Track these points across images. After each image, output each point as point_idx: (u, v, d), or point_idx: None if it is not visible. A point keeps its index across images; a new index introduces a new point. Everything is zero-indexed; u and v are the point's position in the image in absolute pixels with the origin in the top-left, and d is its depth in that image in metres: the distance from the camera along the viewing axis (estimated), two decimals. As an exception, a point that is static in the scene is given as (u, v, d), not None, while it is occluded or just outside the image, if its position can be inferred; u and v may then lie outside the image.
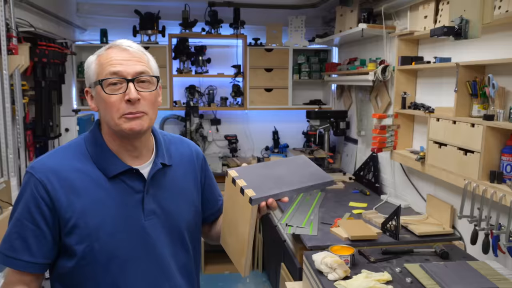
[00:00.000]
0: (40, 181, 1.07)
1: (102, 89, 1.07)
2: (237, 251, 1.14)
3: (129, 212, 1.12)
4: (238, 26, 4.23)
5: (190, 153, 1.31)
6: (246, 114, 4.60)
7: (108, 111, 1.08)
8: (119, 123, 1.08)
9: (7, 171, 2.48)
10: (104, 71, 1.08)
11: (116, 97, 1.07)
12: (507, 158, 1.88)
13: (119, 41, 1.13)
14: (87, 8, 4.25)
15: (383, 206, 2.92)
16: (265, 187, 1.08)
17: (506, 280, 1.73)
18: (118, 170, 1.12)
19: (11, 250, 1.07)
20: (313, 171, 1.17)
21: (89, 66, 1.12)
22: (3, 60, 2.41)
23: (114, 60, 1.08)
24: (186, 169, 1.27)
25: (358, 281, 1.75)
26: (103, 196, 1.10)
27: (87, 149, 1.14)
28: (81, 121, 3.49)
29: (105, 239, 1.08)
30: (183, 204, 1.22)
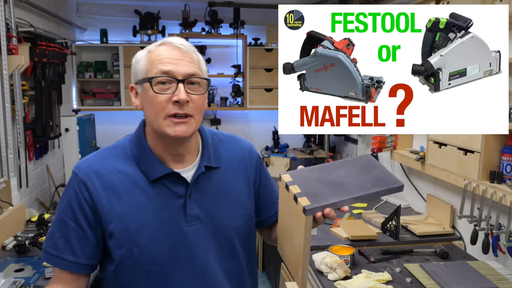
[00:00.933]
0: (82, 181, 1.05)
1: (151, 87, 1.02)
2: (293, 261, 1.06)
3: (170, 217, 1.07)
4: (238, 26, 4.24)
5: (242, 152, 1.22)
6: (246, 114, 4.61)
7: (153, 111, 1.03)
8: (163, 124, 1.03)
9: (7, 171, 2.48)
10: (154, 69, 1.03)
11: (164, 97, 1.02)
12: (507, 158, 1.88)
13: (171, 38, 1.07)
14: (87, 8, 4.25)
15: (383, 206, 2.92)
16: (322, 194, 0.97)
17: (506, 280, 1.73)
18: (160, 173, 1.07)
19: (54, 248, 1.06)
20: (378, 175, 1.02)
21: (138, 61, 1.07)
22: (3, 60, 2.41)
23: (165, 58, 1.03)
24: (236, 170, 1.19)
25: (358, 281, 1.75)
26: (144, 200, 1.06)
27: (131, 151, 1.10)
28: (81, 121, 3.49)
29: (144, 244, 1.05)
30: (232, 209, 1.15)
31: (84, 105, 4.21)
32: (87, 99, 4.24)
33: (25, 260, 1.97)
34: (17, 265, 1.92)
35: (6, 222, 2.19)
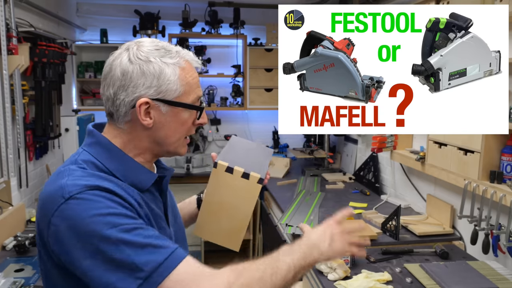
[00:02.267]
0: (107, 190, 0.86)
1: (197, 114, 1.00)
2: (231, 230, 1.20)
3: (162, 224, 1.01)
4: (238, 26, 4.23)
5: None
6: (246, 114, 4.61)
7: (178, 134, 0.99)
8: (180, 145, 1.01)
9: (7, 171, 2.48)
10: (193, 93, 0.98)
11: (190, 120, 1.00)
12: (507, 158, 1.88)
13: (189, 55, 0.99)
14: (87, 8, 4.25)
15: (383, 206, 2.92)
16: (256, 167, 1.19)
17: (506, 280, 1.73)
18: (152, 180, 0.99)
19: (162, 249, 0.84)
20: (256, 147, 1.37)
21: (170, 79, 0.93)
22: (3, 60, 2.41)
23: (198, 82, 1.00)
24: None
25: (358, 281, 1.75)
26: (148, 213, 0.95)
27: (105, 166, 0.93)
28: (81, 121, 3.49)
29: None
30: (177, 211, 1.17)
31: (84, 105, 4.21)
32: (87, 99, 4.24)
33: (25, 260, 1.98)
34: (17, 265, 1.92)
35: (6, 222, 2.19)
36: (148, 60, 0.92)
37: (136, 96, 0.92)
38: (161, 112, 0.94)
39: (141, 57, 0.93)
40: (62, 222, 0.83)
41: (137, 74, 0.92)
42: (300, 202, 2.89)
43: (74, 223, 0.82)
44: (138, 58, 0.93)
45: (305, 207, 2.81)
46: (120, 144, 0.98)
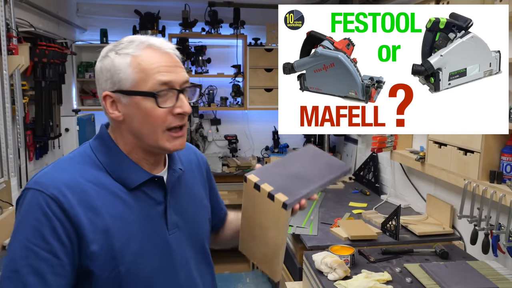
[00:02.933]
0: (52, 198, 0.88)
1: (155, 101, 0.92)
2: (267, 256, 1.07)
3: (153, 227, 0.98)
4: (238, 26, 4.24)
5: (197, 159, 1.20)
6: (246, 114, 4.61)
7: (149, 125, 0.94)
8: (161, 139, 0.95)
9: (7, 171, 2.48)
10: (150, 80, 0.92)
11: (164, 110, 0.93)
12: (507, 158, 1.88)
13: (155, 40, 0.97)
14: (87, 8, 4.25)
15: (383, 206, 2.92)
16: (292, 188, 1.01)
17: (506, 280, 1.73)
18: (141, 179, 0.97)
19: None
20: (328, 161, 1.13)
21: (120, 68, 0.93)
22: (3, 60, 2.41)
23: (162, 67, 0.93)
24: (195, 174, 1.16)
25: (358, 281, 1.75)
26: (125, 211, 0.94)
27: (98, 159, 0.97)
28: (81, 121, 3.49)
29: (131, 261, 0.93)
30: (201, 213, 1.12)
31: (84, 105, 4.21)
32: (87, 99, 4.24)
33: (25, 260, 1.97)
34: (17, 265, 1.92)
35: (6, 222, 2.19)
36: (105, 56, 0.96)
37: (101, 91, 0.96)
38: (123, 103, 0.95)
39: (102, 55, 0.97)
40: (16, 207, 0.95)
41: (99, 71, 0.97)
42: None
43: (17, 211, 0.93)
44: (101, 57, 0.97)
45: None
46: (117, 140, 1.00)
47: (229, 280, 3.84)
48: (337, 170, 1.11)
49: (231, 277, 3.88)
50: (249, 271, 3.99)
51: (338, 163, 1.13)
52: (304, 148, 1.18)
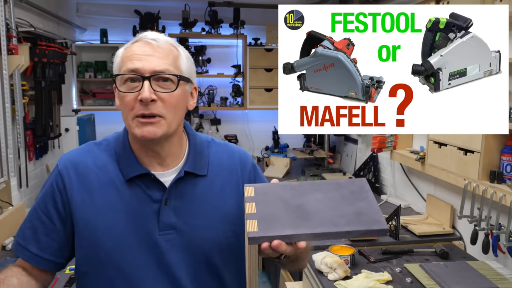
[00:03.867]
0: (60, 173, 1.02)
1: (116, 85, 0.99)
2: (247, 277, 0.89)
3: (142, 222, 0.99)
4: (238, 26, 4.24)
5: (233, 162, 1.11)
6: (246, 114, 4.61)
7: (123, 111, 0.99)
8: (132, 125, 0.97)
9: (7, 171, 2.48)
10: (123, 67, 0.98)
11: (131, 96, 0.95)
12: (507, 158, 1.88)
13: (145, 33, 1.02)
14: (87, 8, 4.25)
15: (383, 206, 2.92)
16: (279, 221, 0.80)
17: (506, 280, 1.73)
18: (134, 173, 1.01)
19: (22, 238, 1.03)
20: (362, 209, 0.84)
21: (115, 60, 1.02)
22: (3, 60, 2.41)
23: (134, 55, 0.97)
24: (225, 181, 1.08)
25: (358, 281, 1.75)
26: (116, 199, 1.00)
27: (114, 148, 1.06)
28: (81, 121, 3.49)
29: (110, 246, 0.98)
30: (215, 222, 1.03)
31: (84, 105, 4.21)
32: (87, 99, 4.24)
33: (25, 260, 1.97)
34: (17, 265, 1.92)
35: (6, 222, 2.19)
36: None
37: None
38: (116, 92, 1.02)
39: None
40: None
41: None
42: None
43: None
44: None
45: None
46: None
47: (229, 280, 3.84)
48: (360, 223, 0.81)
49: (231, 277, 3.87)
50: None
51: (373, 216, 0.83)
52: (353, 179, 0.93)
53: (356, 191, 0.88)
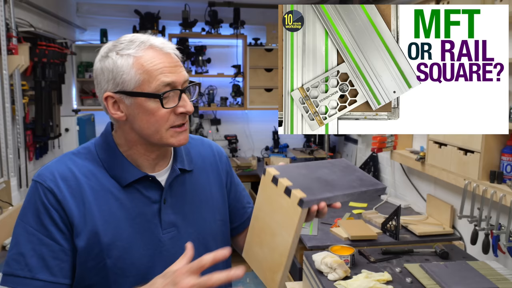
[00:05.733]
0: (49, 189, 0.94)
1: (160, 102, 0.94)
2: (270, 264, 0.95)
3: (146, 225, 1.00)
4: (238, 26, 4.24)
5: (213, 155, 1.18)
6: (246, 114, 4.61)
7: (153, 125, 0.96)
8: (166, 136, 0.97)
9: (7, 171, 2.49)
10: (154, 81, 0.93)
11: (167, 110, 0.95)
12: (507, 158, 1.88)
13: (156, 41, 0.98)
14: (87, 8, 4.26)
15: (383, 206, 2.92)
16: (314, 189, 0.91)
17: (506, 280, 1.73)
18: (133, 177, 0.99)
19: (27, 269, 0.91)
20: (360, 176, 1.02)
21: (123, 69, 0.94)
22: (3, 60, 2.41)
23: (164, 68, 0.94)
24: (208, 173, 1.14)
25: (358, 281, 1.75)
26: (117, 207, 0.98)
27: (98, 155, 1.01)
28: (81, 121, 3.49)
29: (118, 256, 0.96)
30: (207, 214, 1.09)
31: (84, 105, 4.21)
32: (87, 99, 4.24)
33: (25, 260, 1.97)
34: (17, 265, 1.92)
35: (6, 222, 2.19)
36: (106, 56, 0.96)
37: (102, 92, 0.97)
38: (126, 104, 0.96)
39: (102, 55, 0.97)
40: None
41: (99, 71, 0.97)
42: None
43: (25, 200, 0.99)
44: (101, 57, 0.97)
45: (305, 207, 2.81)
46: (117, 138, 1.03)
47: (229, 280, 3.84)
48: (369, 185, 0.99)
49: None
50: (249, 271, 3.99)
51: (372, 179, 1.01)
52: (335, 159, 1.09)
53: (346, 167, 1.05)
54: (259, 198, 0.99)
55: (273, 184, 0.93)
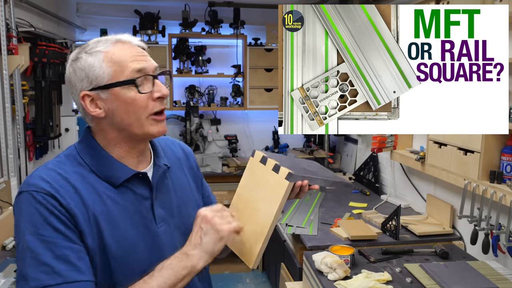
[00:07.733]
0: (49, 194, 0.91)
1: (136, 88, 0.96)
2: (250, 236, 1.01)
3: (143, 222, 1.01)
4: (238, 26, 4.24)
5: (184, 153, 1.23)
6: (246, 114, 4.61)
7: (132, 113, 0.97)
8: (146, 124, 0.98)
9: (7, 171, 2.49)
10: (125, 69, 0.96)
11: (144, 96, 0.97)
12: (507, 158, 1.89)
13: (122, 36, 1.01)
14: (87, 8, 4.26)
15: (383, 206, 2.92)
16: (298, 171, 1.02)
17: (506, 280, 1.73)
18: (126, 175, 1.00)
19: (58, 276, 0.87)
20: (333, 173, 1.22)
21: (94, 65, 0.96)
22: (3, 60, 2.41)
23: (133, 56, 0.97)
24: (182, 168, 1.19)
25: (358, 281, 1.75)
26: (115, 208, 0.98)
27: (84, 161, 1.00)
28: (81, 121, 3.49)
29: (122, 256, 0.97)
30: (189, 207, 1.13)
31: (84, 105, 4.21)
32: (87, 99, 4.24)
33: (25, 260, 1.97)
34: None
35: (6, 222, 2.19)
36: (76, 58, 0.99)
37: (78, 93, 0.98)
38: (103, 99, 0.97)
39: (72, 59, 1.00)
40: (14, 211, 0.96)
41: (72, 74, 0.99)
42: (300, 202, 2.89)
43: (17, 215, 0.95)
44: (71, 61, 1.00)
45: (305, 207, 2.82)
46: (100, 140, 1.03)
47: (229, 280, 3.85)
48: (340, 179, 1.16)
49: (231, 277, 3.88)
50: (249, 271, 3.99)
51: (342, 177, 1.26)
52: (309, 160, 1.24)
53: (321, 166, 1.25)
54: (244, 178, 1.08)
55: (261, 164, 1.04)
